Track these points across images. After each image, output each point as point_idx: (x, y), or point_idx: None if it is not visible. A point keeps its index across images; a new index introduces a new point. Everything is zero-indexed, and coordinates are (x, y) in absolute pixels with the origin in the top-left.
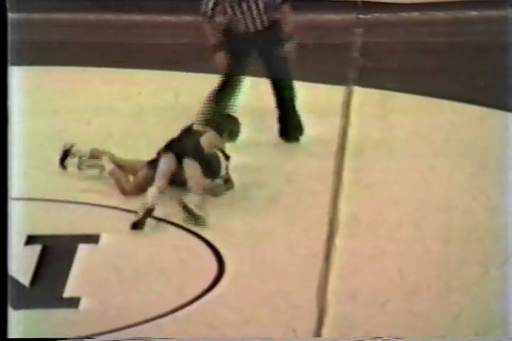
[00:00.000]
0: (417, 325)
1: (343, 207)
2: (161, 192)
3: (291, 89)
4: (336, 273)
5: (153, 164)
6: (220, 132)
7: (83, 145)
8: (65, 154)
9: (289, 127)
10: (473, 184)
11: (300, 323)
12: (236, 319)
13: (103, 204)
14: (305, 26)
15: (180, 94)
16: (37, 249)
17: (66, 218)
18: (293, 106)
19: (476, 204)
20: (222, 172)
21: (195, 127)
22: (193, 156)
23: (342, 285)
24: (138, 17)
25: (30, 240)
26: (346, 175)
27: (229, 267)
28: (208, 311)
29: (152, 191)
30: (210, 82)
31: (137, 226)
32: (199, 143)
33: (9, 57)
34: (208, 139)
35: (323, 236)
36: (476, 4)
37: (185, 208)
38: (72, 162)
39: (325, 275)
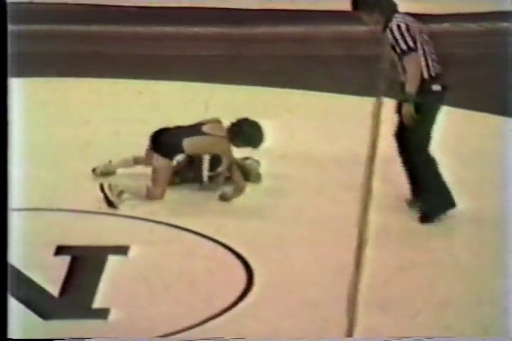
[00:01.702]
0: (447, 337)
1: (373, 217)
2: (158, 197)
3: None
4: (366, 284)
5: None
6: (234, 137)
7: (111, 156)
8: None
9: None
10: (503, 195)
11: (329, 335)
12: (265, 330)
13: (132, 215)
14: (335, 37)
15: (209, 106)
16: (66, 259)
17: (95, 229)
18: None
19: (506, 215)
20: (204, 177)
21: (204, 128)
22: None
23: (372, 296)
24: (169, 29)
25: (60, 250)
26: (375, 186)
27: (258, 278)
28: (237, 322)
29: None
30: (240, 93)
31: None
32: (180, 144)
33: (37, 69)
34: (193, 142)
35: (353, 246)
36: (507, 15)
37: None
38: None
39: (355, 287)
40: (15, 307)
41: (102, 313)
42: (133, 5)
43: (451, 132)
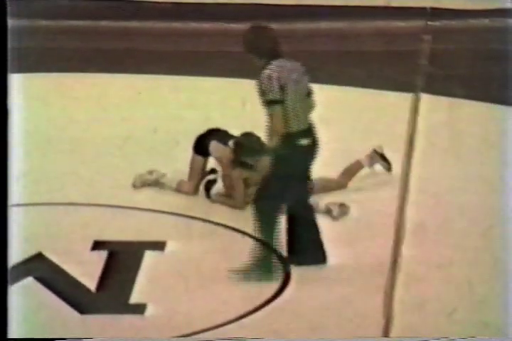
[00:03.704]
0: (484, 335)
1: (410, 214)
2: (193, 193)
3: None
4: (403, 281)
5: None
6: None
7: (150, 153)
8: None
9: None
10: None
11: (366, 332)
12: (302, 326)
13: (169, 211)
14: (373, 33)
15: (247, 102)
16: (103, 254)
17: (133, 224)
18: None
19: None
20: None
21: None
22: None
23: (409, 293)
24: (206, 25)
25: (97, 245)
26: (413, 183)
27: (294, 274)
28: (273, 318)
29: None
30: None
31: None
32: (207, 146)
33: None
34: (214, 147)
35: (390, 244)
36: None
37: None
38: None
39: (391, 284)
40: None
41: (139, 308)
42: (170, 1)
43: (490, 127)
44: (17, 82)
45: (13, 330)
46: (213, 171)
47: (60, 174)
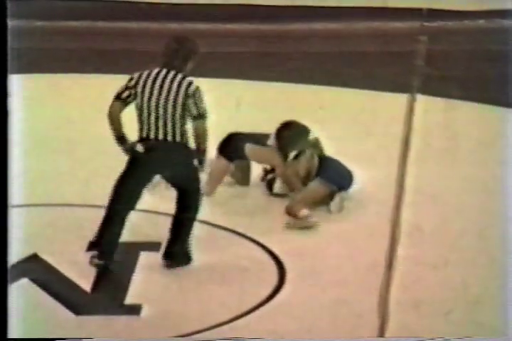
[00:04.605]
0: (480, 336)
1: (406, 215)
2: (209, 195)
3: None
4: (399, 282)
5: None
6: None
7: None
8: None
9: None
10: None
11: (361, 332)
12: (297, 327)
13: (164, 212)
14: (370, 34)
15: (241, 103)
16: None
17: (128, 225)
18: None
19: None
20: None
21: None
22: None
23: (404, 294)
24: (201, 26)
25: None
26: (409, 183)
27: (290, 275)
28: (268, 319)
29: None
30: (272, 90)
31: None
32: (242, 150)
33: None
34: (251, 150)
35: (386, 244)
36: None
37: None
38: None
39: (387, 284)
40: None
41: (134, 309)
42: (165, 2)
43: (486, 128)
44: (15, 83)
45: (11, 331)
46: (273, 170)
47: (55, 175)
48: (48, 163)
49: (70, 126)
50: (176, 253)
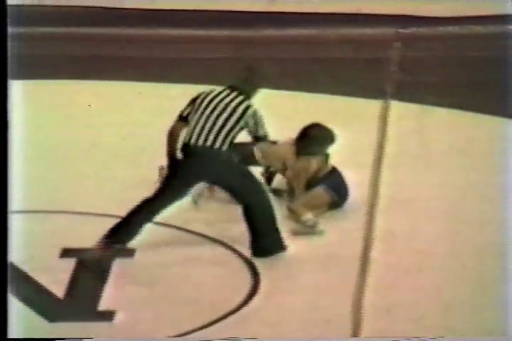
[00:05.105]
0: (450, 338)
1: (379, 221)
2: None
3: None
4: (372, 287)
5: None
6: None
7: (116, 159)
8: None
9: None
10: (509, 198)
11: (334, 338)
12: (270, 334)
13: None
14: (344, 40)
15: None
16: (72, 262)
17: (101, 232)
18: None
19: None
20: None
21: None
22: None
23: (377, 299)
24: (174, 31)
25: (65, 253)
26: (382, 189)
27: (263, 282)
28: (242, 326)
29: None
30: None
31: None
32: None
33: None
34: (262, 148)
35: (359, 250)
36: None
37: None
38: None
39: (360, 290)
40: (15, 307)
41: (107, 316)
42: (137, 7)
43: (459, 134)
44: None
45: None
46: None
47: (27, 181)
48: (18, 169)
49: (40, 131)
50: (266, 244)
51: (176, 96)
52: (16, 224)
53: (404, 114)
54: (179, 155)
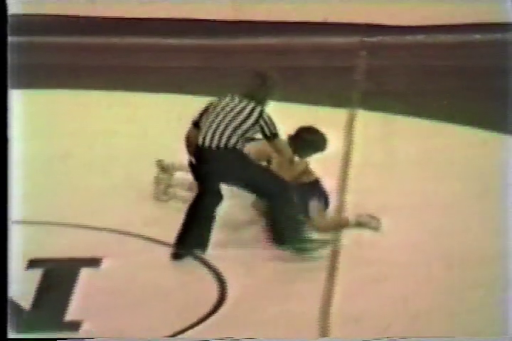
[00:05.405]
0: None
1: (345, 230)
2: None
3: None
4: (339, 296)
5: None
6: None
7: (87, 168)
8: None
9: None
10: (475, 207)
11: None
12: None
13: (104, 227)
14: (310, 49)
15: (183, 118)
16: (38, 272)
17: (67, 241)
18: None
19: (478, 227)
20: None
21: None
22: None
23: (345, 308)
24: (143, 40)
25: (32, 264)
26: (348, 198)
27: (231, 291)
28: (209, 335)
29: None
30: None
31: None
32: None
33: (10, 81)
34: (254, 146)
35: (326, 258)
36: (480, 27)
37: None
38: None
39: (328, 299)
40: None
41: (74, 326)
42: (107, 16)
43: (424, 143)
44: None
45: None
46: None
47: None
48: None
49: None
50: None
51: (145, 104)
52: None
53: (370, 122)
54: (192, 160)
